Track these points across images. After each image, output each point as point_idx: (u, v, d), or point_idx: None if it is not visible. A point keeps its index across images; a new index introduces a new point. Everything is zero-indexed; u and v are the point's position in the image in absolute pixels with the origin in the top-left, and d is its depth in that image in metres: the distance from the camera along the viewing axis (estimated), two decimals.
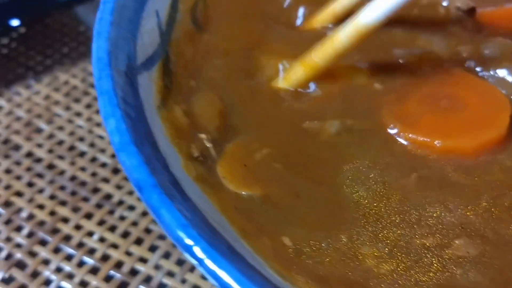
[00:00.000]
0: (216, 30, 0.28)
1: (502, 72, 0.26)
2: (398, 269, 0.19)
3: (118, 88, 0.20)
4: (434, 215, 0.21)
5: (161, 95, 0.23)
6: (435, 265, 0.19)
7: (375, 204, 0.21)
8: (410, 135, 0.24)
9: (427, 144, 0.24)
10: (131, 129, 0.19)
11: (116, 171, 0.35)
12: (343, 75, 0.26)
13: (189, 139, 0.22)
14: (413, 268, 0.19)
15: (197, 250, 0.16)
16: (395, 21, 0.27)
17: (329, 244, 0.20)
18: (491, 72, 0.26)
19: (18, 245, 0.32)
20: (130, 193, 0.34)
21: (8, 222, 0.32)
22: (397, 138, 0.24)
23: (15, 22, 0.37)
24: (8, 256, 0.31)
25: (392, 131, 0.25)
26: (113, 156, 0.36)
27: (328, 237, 0.20)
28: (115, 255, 0.31)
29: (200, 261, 0.16)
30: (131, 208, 0.34)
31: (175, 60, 0.25)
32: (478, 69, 0.27)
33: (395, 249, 0.20)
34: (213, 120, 0.23)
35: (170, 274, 0.31)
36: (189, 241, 0.16)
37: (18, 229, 0.32)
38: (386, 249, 0.20)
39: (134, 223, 0.33)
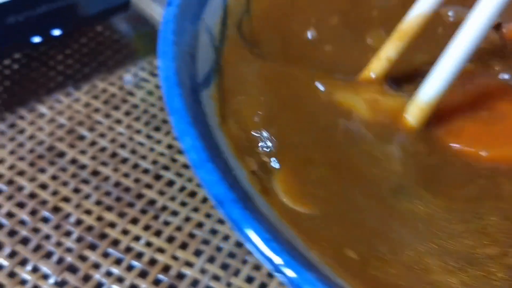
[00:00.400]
0: (263, 44, 0.29)
1: None
2: (466, 280, 0.20)
3: (188, 106, 0.21)
4: (493, 223, 0.22)
5: (220, 111, 0.24)
6: (500, 274, 0.20)
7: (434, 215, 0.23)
8: (455, 145, 0.26)
9: (473, 154, 0.25)
10: (206, 147, 0.20)
11: (157, 177, 0.36)
12: None
13: (247, 153, 0.23)
14: (480, 278, 0.20)
15: (278, 260, 0.17)
16: (421, 41, 0.29)
17: (395, 256, 0.21)
18: None
19: (69, 250, 0.33)
20: (172, 199, 0.35)
21: (57, 227, 0.34)
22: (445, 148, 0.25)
23: (56, 32, 0.38)
24: (60, 260, 0.32)
25: (439, 140, 0.26)
26: (154, 162, 0.37)
27: (393, 250, 0.21)
28: (162, 259, 0.33)
29: (285, 275, 0.17)
30: (175, 213, 0.35)
31: (227, 75, 0.26)
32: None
33: (460, 260, 0.21)
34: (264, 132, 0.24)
35: (216, 277, 0.32)
36: (276, 259, 0.17)
37: (68, 234, 0.33)
38: (452, 260, 0.21)
39: (178, 228, 0.34)
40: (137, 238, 0.34)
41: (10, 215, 0.34)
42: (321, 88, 0.27)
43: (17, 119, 0.39)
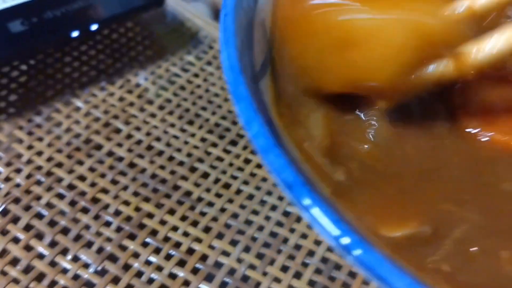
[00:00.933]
0: None
1: None
2: None
3: (252, 94, 0.22)
4: None
5: (276, 101, 0.25)
6: None
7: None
8: (488, 134, 0.27)
9: (505, 143, 0.26)
10: (271, 133, 0.20)
11: (193, 169, 0.37)
12: None
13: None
14: None
15: (345, 240, 0.18)
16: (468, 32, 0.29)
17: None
18: None
19: (109, 239, 0.34)
20: (208, 190, 0.36)
21: (96, 217, 0.34)
22: (478, 138, 0.26)
23: (94, 27, 0.39)
24: (100, 250, 0.33)
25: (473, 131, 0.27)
26: (188, 155, 0.38)
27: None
28: (199, 248, 0.34)
29: (359, 259, 0.18)
30: (210, 204, 0.36)
31: (279, 66, 0.27)
32: None
33: None
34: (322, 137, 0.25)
35: (252, 267, 0.33)
36: (346, 239, 0.18)
37: (107, 224, 0.34)
38: None
39: (214, 219, 0.35)
40: (174, 228, 0.34)
41: (49, 205, 0.35)
42: None
43: (53, 112, 0.40)
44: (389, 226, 0.22)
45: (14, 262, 0.32)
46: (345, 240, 0.18)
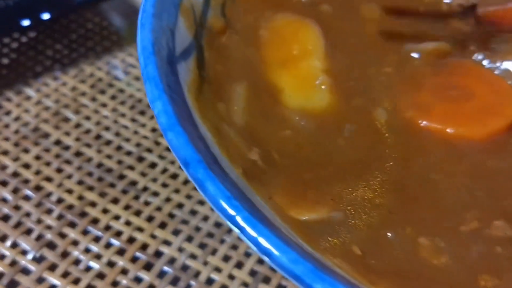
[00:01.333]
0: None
1: (508, 65, 0.28)
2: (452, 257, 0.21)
3: (163, 74, 0.21)
4: (468, 199, 0.23)
5: (198, 85, 0.24)
6: (480, 246, 0.21)
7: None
8: (424, 122, 0.26)
9: (441, 131, 0.26)
10: (176, 111, 0.20)
11: (140, 159, 0.37)
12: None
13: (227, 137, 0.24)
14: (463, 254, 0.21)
15: (239, 219, 0.18)
16: (404, 19, 0.29)
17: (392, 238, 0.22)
18: (498, 64, 0.28)
19: (49, 227, 0.33)
20: (154, 180, 0.36)
21: (38, 205, 0.34)
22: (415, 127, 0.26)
23: (45, 16, 0.39)
24: (39, 237, 0.33)
25: (409, 117, 0.27)
26: (137, 145, 0.38)
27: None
28: (141, 237, 0.33)
29: (242, 229, 0.18)
30: (155, 194, 0.35)
31: (208, 53, 0.27)
32: (485, 62, 0.29)
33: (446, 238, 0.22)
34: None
35: (193, 256, 0.33)
36: (232, 211, 0.18)
37: (48, 211, 0.34)
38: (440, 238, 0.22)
39: (158, 208, 0.35)
40: (117, 217, 0.34)
41: None
42: None
43: (3, 101, 0.39)
44: (299, 209, 0.22)
45: None
46: (232, 213, 0.18)
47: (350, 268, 0.20)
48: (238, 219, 0.18)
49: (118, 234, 0.33)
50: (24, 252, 0.32)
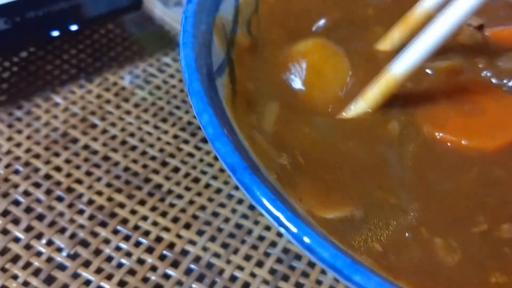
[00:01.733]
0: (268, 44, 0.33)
1: None
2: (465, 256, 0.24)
3: (206, 89, 0.24)
4: (478, 204, 0.26)
5: (232, 98, 0.27)
6: (490, 246, 0.24)
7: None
8: (440, 134, 0.29)
9: (455, 143, 0.29)
10: (221, 123, 0.23)
11: (164, 163, 0.39)
12: None
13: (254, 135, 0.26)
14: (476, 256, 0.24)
15: (283, 219, 0.20)
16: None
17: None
18: (505, 82, 0.31)
19: (81, 226, 0.36)
20: (178, 183, 0.38)
21: (71, 205, 0.36)
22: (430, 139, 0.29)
23: (73, 27, 0.41)
24: (73, 235, 0.35)
25: (426, 130, 0.29)
26: (160, 150, 0.40)
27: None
28: (167, 237, 0.36)
29: (286, 228, 0.20)
30: (180, 196, 0.38)
31: (238, 70, 0.29)
32: (493, 79, 0.32)
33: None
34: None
35: (216, 255, 0.35)
36: (277, 213, 0.20)
37: (80, 212, 0.36)
38: (453, 239, 0.24)
39: (183, 210, 0.37)
40: (144, 218, 0.36)
41: (26, 193, 0.37)
42: None
43: (33, 107, 0.42)
44: (325, 208, 0.24)
45: None
46: (278, 214, 0.20)
47: (374, 264, 0.23)
48: (283, 219, 0.20)
49: (146, 233, 0.36)
50: (59, 249, 0.34)
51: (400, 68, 0.28)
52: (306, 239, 0.20)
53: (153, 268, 0.34)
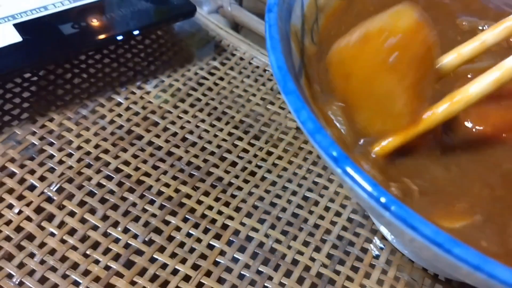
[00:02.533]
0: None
1: None
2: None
3: (298, 88, 0.28)
4: None
5: (313, 100, 0.31)
6: None
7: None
8: (481, 128, 0.33)
9: (496, 136, 0.32)
10: (316, 119, 0.26)
11: (222, 158, 0.43)
12: None
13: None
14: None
15: (385, 201, 0.24)
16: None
17: None
18: None
19: (153, 215, 0.39)
20: (236, 177, 0.42)
21: (141, 196, 0.40)
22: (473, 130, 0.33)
23: (135, 32, 0.44)
24: (146, 223, 0.38)
25: (468, 125, 0.33)
26: (218, 147, 0.44)
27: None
28: (232, 225, 0.39)
29: (391, 211, 0.24)
30: (239, 188, 0.41)
31: (310, 71, 0.33)
32: None
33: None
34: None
35: (278, 241, 0.39)
36: (383, 199, 0.24)
37: (151, 202, 0.39)
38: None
39: (243, 201, 0.40)
40: (210, 208, 0.40)
41: (99, 185, 0.40)
42: None
43: (97, 106, 0.45)
44: (451, 220, 0.28)
45: (72, 232, 0.37)
46: (383, 200, 0.24)
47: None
48: (389, 205, 0.24)
49: (213, 221, 0.39)
50: (135, 236, 0.38)
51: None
52: (412, 221, 0.23)
53: (222, 253, 0.37)
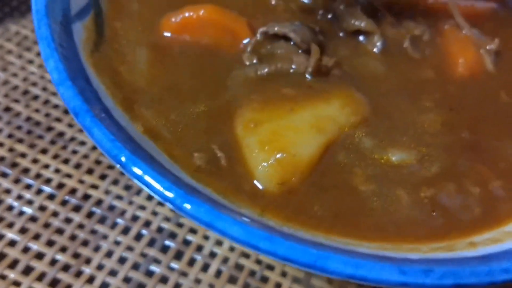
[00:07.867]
0: None
1: None
2: None
3: (55, 34, 0.24)
4: None
5: (94, 42, 0.27)
6: None
7: None
8: None
9: None
10: (67, 68, 0.23)
11: (67, 111, 0.39)
12: None
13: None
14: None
15: (123, 158, 0.21)
16: None
17: None
18: None
19: None
20: (81, 130, 0.39)
21: None
22: None
23: None
24: None
25: None
26: None
27: None
28: (70, 183, 0.36)
29: (124, 166, 0.21)
30: (82, 143, 0.38)
31: (106, 12, 0.29)
32: None
33: None
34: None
35: (119, 197, 0.36)
36: (116, 152, 0.21)
37: None
38: None
39: (85, 156, 0.38)
40: (46, 166, 0.37)
41: None
42: None
43: None
44: None
45: None
46: (122, 158, 0.21)
47: None
48: (122, 158, 0.21)
49: (48, 181, 0.36)
50: None
51: None
52: (146, 177, 0.20)
53: (55, 214, 0.35)
